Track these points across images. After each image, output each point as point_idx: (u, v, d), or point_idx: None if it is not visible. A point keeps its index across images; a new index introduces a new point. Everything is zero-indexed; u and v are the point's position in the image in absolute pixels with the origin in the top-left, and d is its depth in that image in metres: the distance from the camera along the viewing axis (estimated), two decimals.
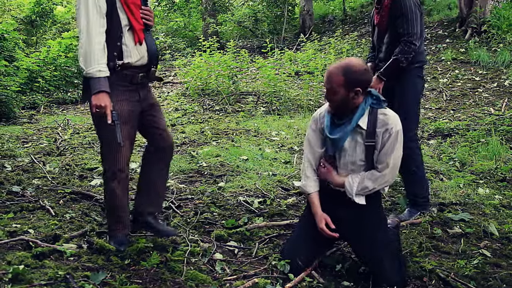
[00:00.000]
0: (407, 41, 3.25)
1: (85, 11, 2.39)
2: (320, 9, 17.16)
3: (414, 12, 3.26)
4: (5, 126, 6.72)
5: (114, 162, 2.60)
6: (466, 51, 9.81)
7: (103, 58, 2.41)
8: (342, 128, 2.44)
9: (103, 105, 2.39)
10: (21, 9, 14.44)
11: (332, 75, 2.38)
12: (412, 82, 3.40)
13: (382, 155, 2.41)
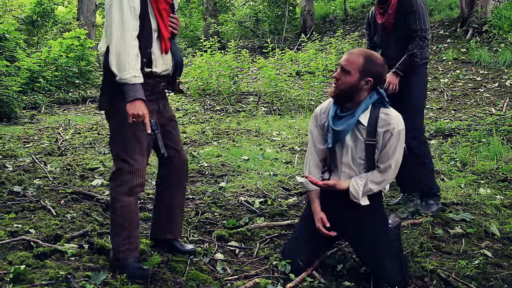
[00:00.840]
0: (422, 36, 3.33)
1: (119, 11, 2.22)
2: (321, 9, 17.17)
3: (424, 8, 3.37)
4: (6, 126, 6.73)
5: (133, 177, 2.37)
6: (467, 51, 9.80)
7: (137, 63, 2.24)
8: (345, 121, 2.42)
9: (141, 113, 2.22)
10: (22, 9, 14.45)
11: (353, 55, 2.38)
12: (420, 80, 3.48)
13: (384, 155, 2.41)
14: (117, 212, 2.39)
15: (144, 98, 2.23)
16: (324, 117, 2.54)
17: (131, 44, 2.22)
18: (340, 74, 2.41)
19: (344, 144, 2.48)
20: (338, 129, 2.43)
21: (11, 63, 8.47)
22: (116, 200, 2.38)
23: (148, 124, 2.25)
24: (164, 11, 2.39)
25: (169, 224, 2.70)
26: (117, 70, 2.21)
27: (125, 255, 2.38)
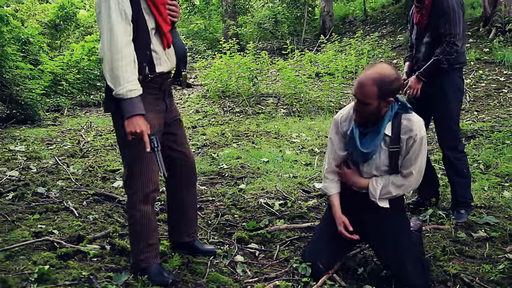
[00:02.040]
0: (450, 41, 3.17)
1: (107, 18, 2.06)
2: (341, 10, 17.08)
3: (457, 11, 3.17)
4: (30, 128, 6.86)
5: (147, 182, 2.29)
6: (490, 51, 9.62)
7: (133, 74, 2.10)
8: (372, 140, 2.37)
9: (139, 131, 2.09)
10: (46, 14, 14.73)
11: (366, 86, 2.26)
12: (453, 84, 3.30)
13: (407, 161, 2.38)
14: (135, 221, 2.34)
15: (143, 113, 2.11)
16: (345, 125, 2.50)
17: (124, 54, 2.06)
18: (359, 105, 2.33)
19: None
20: (367, 151, 2.39)
21: (35, 66, 8.66)
22: (134, 208, 2.33)
23: (147, 142, 2.13)
24: (161, 5, 2.24)
25: (185, 227, 2.68)
26: (112, 84, 2.08)
27: (145, 263, 2.35)
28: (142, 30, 2.18)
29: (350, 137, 2.46)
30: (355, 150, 2.43)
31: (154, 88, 2.29)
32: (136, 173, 2.28)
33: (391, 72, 2.28)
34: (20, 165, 4.52)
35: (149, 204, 2.34)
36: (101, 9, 2.09)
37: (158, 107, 2.33)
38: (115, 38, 2.05)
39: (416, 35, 3.47)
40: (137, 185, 2.29)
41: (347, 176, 2.54)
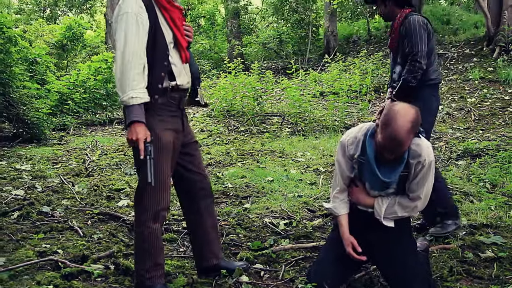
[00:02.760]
0: (412, 59, 3.27)
1: (125, 28, 2.15)
2: (345, 30, 17.22)
3: (418, 31, 3.29)
4: (36, 147, 6.90)
5: (159, 200, 2.29)
6: (495, 70, 9.65)
7: (140, 83, 2.15)
8: (393, 169, 2.34)
9: (135, 138, 2.13)
10: (53, 34, 14.93)
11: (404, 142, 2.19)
12: (424, 101, 3.33)
13: (414, 185, 2.37)
14: (144, 238, 2.31)
15: (142, 120, 2.14)
16: (352, 149, 2.47)
17: (134, 63, 2.13)
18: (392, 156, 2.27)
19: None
20: (389, 181, 2.36)
21: (42, 86, 8.74)
22: (143, 225, 2.31)
23: (142, 150, 2.14)
24: (178, 20, 2.33)
25: (210, 249, 2.63)
26: (119, 91, 2.15)
27: (151, 282, 2.32)
28: (160, 42, 2.25)
29: (362, 163, 2.42)
30: (373, 179, 2.40)
31: (172, 105, 2.33)
32: (149, 190, 2.28)
33: (414, 110, 2.23)
34: (25, 184, 4.54)
35: (158, 223, 2.32)
36: (118, 20, 2.18)
37: (177, 126, 2.36)
38: (128, 48, 2.13)
39: (392, 58, 3.59)
40: (149, 202, 2.29)
41: (353, 193, 2.53)
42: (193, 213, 2.61)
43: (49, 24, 18.53)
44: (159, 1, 2.27)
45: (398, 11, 3.43)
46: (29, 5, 23.56)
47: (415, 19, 3.32)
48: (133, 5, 2.17)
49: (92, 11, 23.24)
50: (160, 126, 2.26)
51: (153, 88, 2.24)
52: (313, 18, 15.33)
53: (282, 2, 15.87)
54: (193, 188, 2.55)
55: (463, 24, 13.99)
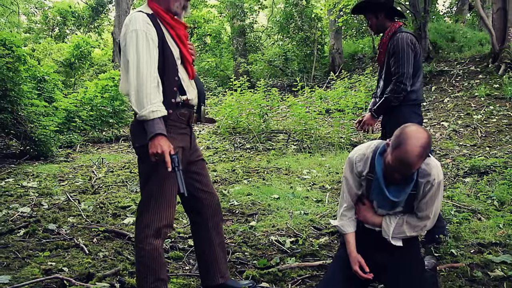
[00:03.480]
0: (397, 80, 3.27)
1: (136, 45, 2.18)
2: (350, 47, 17.31)
3: (406, 51, 3.27)
4: (43, 164, 6.93)
5: (162, 217, 2.28)
6: (500, 87, 9.63)
7: (157, 96, 2.16)
8: (403, 189, 2.31)
9: (160, 151, 2.11)
10: (61, 53, 15.13)
11: (414, 165, 2.17)
12: (404, 117, 3.24)
13: (423, 204, 2.35)
14: (144, 254, 2.29)
15: (164, 133, 2.14)
16: (360, 166, 2.46)
17: (149, 78, 2.15)
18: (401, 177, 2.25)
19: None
20: (398, 200, 2.34)
21: (50, 103, 8.83)
22: (143, 242, 2.29)
23: (168, 162, 2.13)
24: (184, 37, 2.37)
25: (216, 268, 2.60)
26: (137, 107, 2.15)
27: None
28: (169, 58, 2.28)
29: (370, 181, 2.40)
30: (382, 198, 2.39)
31: (182, 121, 2.35)
32: (152, 206, 2.28)
33: (425, 134, 2.20)
34: (32, 202, 4.55)
35: (160, 239, 2.31)
36: (127, 38, 2.20)
37: (185, 144, 2.37)
38: (142, 64, 2.15)
39: (378, 71, 3.62)
40: (151, 219, 2.28)
41: (360, 212, 2.51)
42: (201, 232, 2.59)
43: (57, 42, 18.81)
44: (165, 18, 2.31)
45: (388, 24, 3.42)
46: (38, 24, 23.94)
47: (404, 38, 3.29)
48: (140, 23, 2.21)
49: (100, 30, 23.56)
50: (173, 143, 2.24)
51: (167, 103, 2.24)
52: (318, 36, 15.46)
53: (287, 20, 16.03)
54: (202, 207, 2.55)
55: (468, 41, 14.03)
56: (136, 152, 2.39)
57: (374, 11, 3.42)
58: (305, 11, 15.55)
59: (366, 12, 3.48)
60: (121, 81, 2.31)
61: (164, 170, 2.19)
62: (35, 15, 25.38)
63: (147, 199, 2.31)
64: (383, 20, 3.43)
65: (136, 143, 2.34)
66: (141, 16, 2.23)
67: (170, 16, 2.34)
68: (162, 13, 2.31)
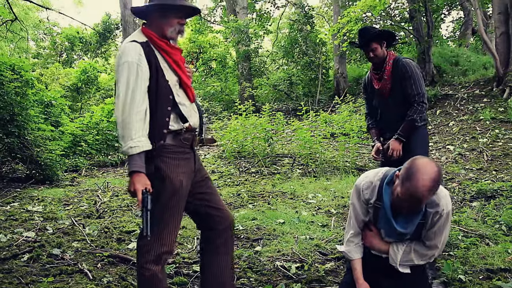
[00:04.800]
0: (419, 101, 3.43)
1: (126, 76, 2.17)
2: (354, 71, 17.43)
3: (419, 73, 3.46)
4: (48, 188, 6.94)
5: (163, 243, 2.28)
6: (505, 110, 9.63)
7: (139, 131, 2.14)
8: (410, 220, 2.31)
9: (133, 189, 2.14)
10: (69, 78, 15.31)
11: (424, 199, 2.17)
12: (422, 139, 3.52)
13: (431, 233, 2.33)
14: (145, 279, 2.29)
15: (141, 170, 2.14)
16: (367, 193, 2.45)
17: (134, 112, 2.14)
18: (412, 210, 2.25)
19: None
20: (405, 232, 2.33)
21: (56, 128, 8.90)
22: (144, 268, 2.28)
23: (139, 201, 2.14)
24: (180, 62, 2.37)
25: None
26: (121, 140, 2.16)
27: None
28: (162, 87, 2.26)
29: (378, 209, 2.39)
30: (389, 228, 2.37)
31: (186, 146, 2.34)
32: (155, 232, 2.25)
33: (435, 167, 2.18)
34: (36, 226, 4.54)
35: (159, 265, 2.30)
36: (119, 69, 2.20)
37: (190, 168, 2.37)
38: (128, 98, 2.15)
39: (379, 100, 3.67)
40: (152, 245, 2.27)
41: (366, 238, 2.49)
42: (210, 251, 2.55)
43: (65, 67, 19.06)
44: (160, 45, 2.31)
45: (386, 53, 3.58)
46: (46, 50, 24.31)
47: (411, 63, 3.48)
48: (132, 54, 2.20)
49: (106, 55, 23.88)
50: (175, 171, 2.27)
51: (158, 133, 2.25)
52: (323, 60, 15.58)
53: (292, 45, 16.19)
54: (214, 223, 2.52)
55: (472, 65, 14.10)
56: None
57: (380, 40, 3.54)
58: (309, 36, 15.71)
59: (372, 42, 3.53)
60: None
61: (167, 197, 2.20)
62: (43, 41, 25.82)
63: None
64: (384, 50, 3.57)
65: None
66: (133, 47, 2.23)
67: (165, 42, 2.33)
68: (157, 40, 2.31)
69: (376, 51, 3.54)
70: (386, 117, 3.68)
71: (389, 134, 3.66)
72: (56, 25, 24.99)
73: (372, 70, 3.72)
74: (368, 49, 3.55)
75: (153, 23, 2.35)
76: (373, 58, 3.57)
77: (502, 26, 10.62)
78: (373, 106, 3.80)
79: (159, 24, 2.33)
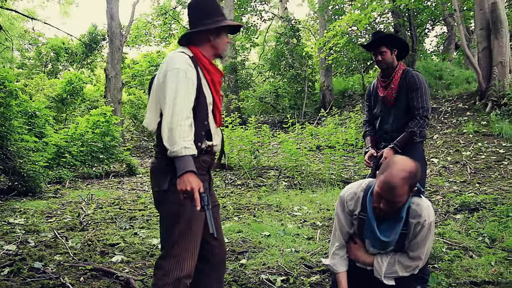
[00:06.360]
0: (422, 115, 3.41)
1: (176, 82, 2.16)
2: (340, 84, 17.60)
3: (426, 87, 3.45)
4: (31, 200, 6.84)
5: (183, 266, 2.18)
6: (488, 124, 9.79)
7: (189, 135, 2.12)
8: (392, 228, 2.32)
9: (189, 188, 2.05)
10: (54, 88, 15.17)
11: (397, 188, 2.19)
12: (420, 156, 3.45)
13: (414, 244, 2.35)
14: None
15: (195, 170, 2.08)
16: (352, 204, 2.47)
17: (184, 116, 2.12)
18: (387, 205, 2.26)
19: None
20: (389, 240, 2.34)
21: (40, 139, 8.78)
22: None
23: (197, 200, 2.07)
24: (218, 84, 2.38)
25: None
26: (168, 143, 2.10)
27: None
28: (202, 102, 2.27)
29: (362, 220, 2.40)
30: (373, 238, 2.38)
31: (203, 168, 2.30)
32: (174, 255, 2.18)
33: (413, 164, 2.24)
34: (18, 239, 4.46)
35: None
36: (168, 75, 2.19)
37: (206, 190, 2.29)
38: (179, 103, 2.12)
39: (381, 108, 3.66)
40: (171, 267, 2.18)
41: (351, 250, 2.49)
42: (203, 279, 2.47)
43: (50, 78, 18.90)
44: (204, 63, 2.32)
45: (396, 63, 3.56)
46: (31, 60, 24.10)
47: (421, 76, 3.48)
48: (182, 63, 2.22)
49: (92, 66, 23.74)
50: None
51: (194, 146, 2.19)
52: (309, 73, 15.70)
53: (278, 58, 16.30)
54: (211, 254, 2.46)
55: (455, 79, 14.34)
56: (154, 197, 2.34)
57: (391, 45, 3.52)
58: (296, 49, 15.85)
59: (382, 45, 3.51)
60: (149, 117, 2.30)
61: (190, 217, 2.15)
62: (28, 51, 25.59)
63: (169, 245, 2.21)
64: (394, 57, 3.55)
65: (155, 187, 2.29)
66: (182, 57, 2.25)
67: (208, 60, 2.35)
68: (202, 57, 2.33)
69: (385, 55, 3.51)
70: (384, 127, 3.65)
71: (384, 144, 3.63)
72: (42, 35, 24.79)
73: (379, 77, 3.68)
74: (377, 51, 3.52)
75: (205, 43, 2.37)
76: (381, 61, 3.54)
77: (484, 41, 10.84)
78: (374, 114, 3.77)
79: (214, 44, 2.38)
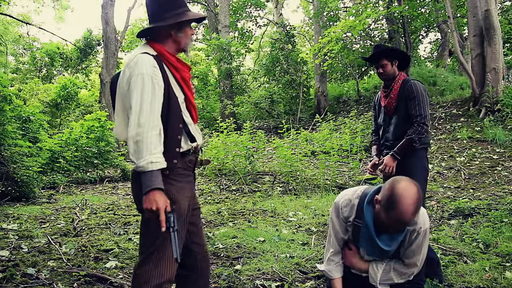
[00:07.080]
0: (421, 122, 3.47)
1: (141, 89, 2.02)
2: (335, 90, 17.66)
3: (425, 96, 3.53)
4: (24, 206, 6.79)
5: (163, 272, 2.10)
6: (482, 130, 9.85)
7: (157, 146, 1.98)
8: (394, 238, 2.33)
9: (155, 208, 1.94)
10: (48, 93, 15.14)
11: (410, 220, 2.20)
12: (421, 163, 3.55)
13: (410, 251, 2.35)
14: None
15: (162, 187, 1.97)
16: (346, 211, 2.46)
17: (151, 126, 1.98)
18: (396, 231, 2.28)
19: None
20: (389, 249, 2.35)
21: (34, 144, 8.74)
22: None
23: (163, 221, 1.96)
24: (187, 79, 2.25)
25: None
26: (135, 157, 1.97)
27: None
28: (173, 104, 2.14)
29: (358, 227, 2.40)
30: (371, 247, 2.38)
31: (189, 168, 2.22)
32: (153, 260, 2.10)
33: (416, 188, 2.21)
34: (11, 245, 4.42)
35: None
36: (132, 82, 2.05)
37: (192, 192, 2.24)
38: (145, 112, 1.99)
39: (383, 117, 3.76)
40: (151, 274, 2.09)
41: (347, 257, 2.49)
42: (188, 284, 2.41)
43: (44, 83, 18.85)
44: (170, 60, 2.19)
45: (397, 73, 3.66)
46: (25, 65, 24.04)
47: (418, 84, 3.56)
48: (147, 66, 2.07)
49: (87, 71, 23.71)
50: (180, 195, 2.13)
51: (170, 152, 2.10)
52: (304, 79, 15.75)
53: (273, 63, 16.35)
54: (194, 261, 2.38)
55: (449, 85, 14.43)
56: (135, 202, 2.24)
57: (391, 58, 3.62)
58: (290, 55, 15.90)
59: (383, 58, 3.61)
60: (117, 126, 2.17)
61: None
62: (23, 56, 25.54)
63: (147, 251, 2.14)
64: (395, 68, 3.65)
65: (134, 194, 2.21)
66: (147, 59, 2.10)
67: (174, 57, 2.22)
68: (168, 54, 2.20)
69: (386, 68, 3.62)
70: (386, 135, 3.75)
71: (386, 152, 3.73)
72: (36, 40, 24.77)
73: (382, 87, 3.81)
74: (377, 64, 3.65)
75: (167, 38, 2.23)
76: (382, 74, 3.67)
77: (478, 48, 10.91)
78: (378, 123, 3.89)
79: (176, 38, 2.23)
